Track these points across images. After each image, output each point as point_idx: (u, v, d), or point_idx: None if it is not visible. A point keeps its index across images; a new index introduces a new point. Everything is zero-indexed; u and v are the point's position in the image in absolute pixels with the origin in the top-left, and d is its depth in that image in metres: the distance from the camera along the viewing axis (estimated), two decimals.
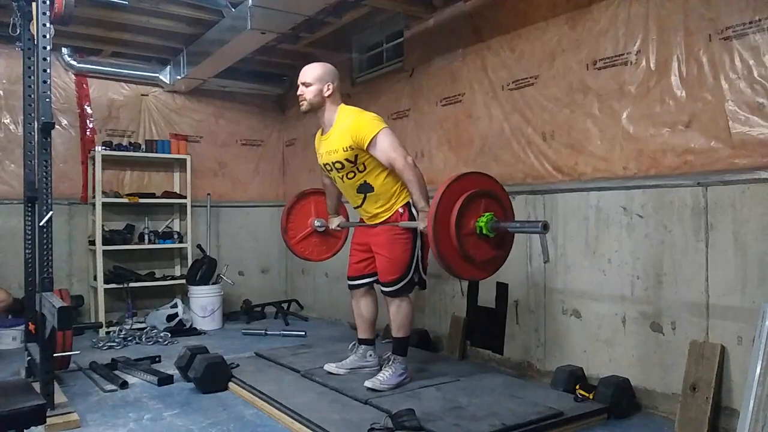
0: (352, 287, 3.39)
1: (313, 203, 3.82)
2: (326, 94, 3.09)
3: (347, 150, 3.02)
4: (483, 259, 2.77)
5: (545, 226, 2.56)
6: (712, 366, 2.67)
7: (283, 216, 3.82)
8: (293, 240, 3.81)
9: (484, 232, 2.68)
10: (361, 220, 3.34)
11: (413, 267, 3.11)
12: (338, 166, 3.10)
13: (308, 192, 3.90)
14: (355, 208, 3.28)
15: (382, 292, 3.18)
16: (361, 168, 3.06)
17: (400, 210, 3.10)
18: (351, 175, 3.10)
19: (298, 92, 3.14)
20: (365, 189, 3.12)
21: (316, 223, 3.76)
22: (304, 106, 3.14)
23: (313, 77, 3.08)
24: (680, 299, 2.87)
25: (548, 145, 3.55)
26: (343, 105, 3.15)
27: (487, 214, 2.69)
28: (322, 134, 3.23)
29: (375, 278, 3.28)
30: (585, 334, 3.32)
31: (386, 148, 2.96)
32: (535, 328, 3.62)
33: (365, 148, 2.97)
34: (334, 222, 3.63)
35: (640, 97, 3.07)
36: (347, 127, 3.02)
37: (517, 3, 3.74)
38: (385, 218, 3.14)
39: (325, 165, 3.20)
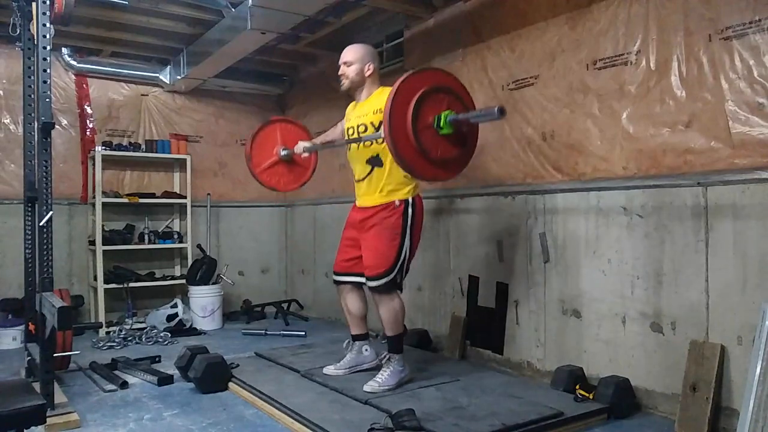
0: (336, 282, 3.39)
1: (279, 130, 3.75)
2: (367, 74, 3.18)
3: (376, 113, 3.07)
4: (445, 157, 2.72)
5: (501, 111, 2.50)
6: (712, 366, 2.67)
7: (247, 144, 3.73)
8: (258, 168, 3.73)
9: (442, 126, 2.63)
10: (354, 207, 3.31)
11: (398, 264, 3.09)
12: (361, 129, 3.15)
13: (275, 119, 3.84)
14: (357, 181, 3.26)
15: (369, 288, 3.15)
16: (380, 141, 3.08)
17: (397, 203, 3.08)
18: (368, 143, 3.13)
19: (339, 72, 3.22)
20: (375, 162, 3.13)
21: (282, 152, 3.70)
22: (345, 84, 3.21)
23: (354, 57, 3.18)
24: (680, 299, 2.87)
25: (548, 145, 3.55)
26: (383, 87, 3.22)
27: (446, 111, 2.65)
28: (356, 104, 3.30)
29: (360, 278, 3.25)
30: (585, 334, 3.32)
31: None
32: (535, 328, 3.62)
33: None
34: (301, 145, 3.56)
35: (640, 97, 3.07)
36: (383, 96, 3.09)
37: (517, 3, 3.74)
38: (379, 203, 3.11)
39: (349, 129, 3.26)
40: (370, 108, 3.15)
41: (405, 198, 3.10)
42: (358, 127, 3.18)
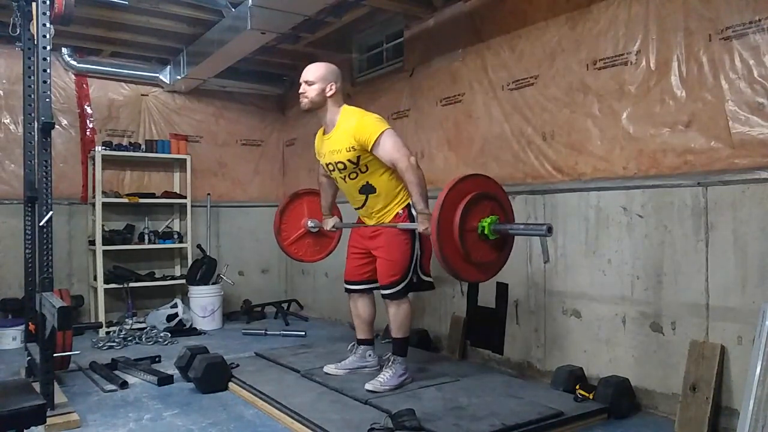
0: (349, 291, 3.38)
1: (306, 204, 3.81)
2: (328, 94, 3.07)
3: (350, 150, 3.01)
4: (484, 261, 2.76)
5: (549, 229, 2.53)
6: (712, 366, 2.67)
7: (276, 217, 3.80)
8: (287, 241, 3.80)
9: (486, 233, 2.67)
10: (359, 221, 3.33)
11: (412, 269, 3.10)
12: (340, 166, 3.09)
13: (301, 192, 3.89)
14: (356, 209, 3.27)
15: (382, 295, 3.16)
16: (363, 169, 3.06)
17: (400, 212, 3.10)
18: (353, 176, 3.09)
19: (300, 90, 3.11)
20: (367, 190, 3.12)
21: (310, 224, 3.75)
22: (305, 104, 3.10)
23: (316, 76, 3.07)
24: (680, 299, 2.87)
25: (548, 145, 3.55)
26: (345, 106, 3.14)
27: (491, 216, 2.69)
28: (324, 134, 3.22)
29: (374, 285, 3.26)
30: (585, 334, 3.32)
31: (390, 149, 2.95)
32: (535, 328, 3.62)
33: (369, 149, 2.96)
34: (329, 223, 3.60)
35: (640, 97, 3.07)
36: (351, 128, 3.01)
37: (517, 3, 3.74)
38: (384, 221, 3.14)
39: (327, 165, 3.19)
40: (341, 144, 3.04)
41: (405, 204, 3.11)
42: (337, 164, 3.09)
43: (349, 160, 3.04)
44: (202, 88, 5.84)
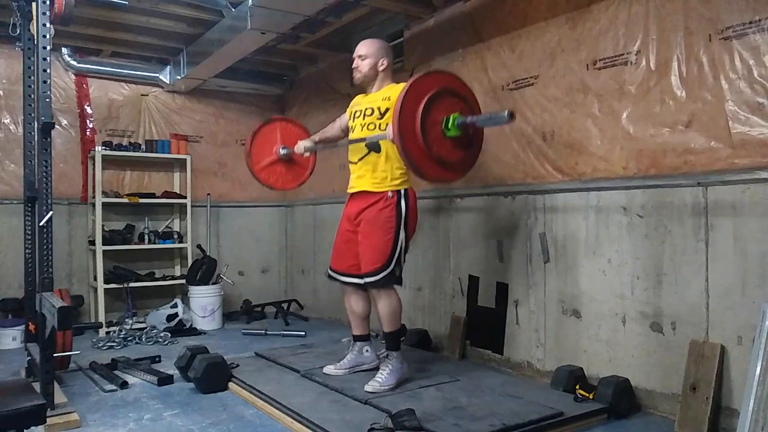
0: (332, 279, 3.36)
1: (279, 129, 3.77)
2: (380, 69, 3.21)
3: (384, 100, 3.13)
4: (449, 159, 2.71)
5: (511, 115, 2.50)
6: (712, 366, 2.67)
7: (247, 141, 3.75)
8: (257, 166, 3.74)
9: (450, 129, 2.62)
10: (349, 198, 3.31)
11: (395, 258, 3.08)
12: (368, 112, 3.18)
13: (275, 118, 3.86)
14: (352, 163, 3.26)
15: (366, 284, 3.15)
16: (383, 126, 3.10)
17: (390, 194, 3.09)
18: (371, 127, 3.15)
19: (353, 65, 3.26)
20: (374, 147, 3.14)
21: (282, 151, 3.71)
22: (358, 78, 3.26)
23: (369, 51, 3.22)
24: (680, 299, 2.87)
25: (548, 145, 3.55)
26: (394, 83, 3.24)
27: (454, 113, 2.64)
28: (365, 95, 3.33)
29: (359, 280, 3.23)
30: (585, 334, 3.32)
31: None
32: (535, 328, 3.62)
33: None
34: (301, 145, 3.57)
35: (640, 97, 3.07)
36: (390, 89, 3.16)
37: (517, 3, 3.74)
38: (372, 190, 3.13)
39: (355, 112, 3.27)
40: (379, 95, 3.19)
41: (398, 189, 3.11)
42: (366, 109, 3.21)
43: (378, 108, 3.13)
44: (202, 88, 5.84)
